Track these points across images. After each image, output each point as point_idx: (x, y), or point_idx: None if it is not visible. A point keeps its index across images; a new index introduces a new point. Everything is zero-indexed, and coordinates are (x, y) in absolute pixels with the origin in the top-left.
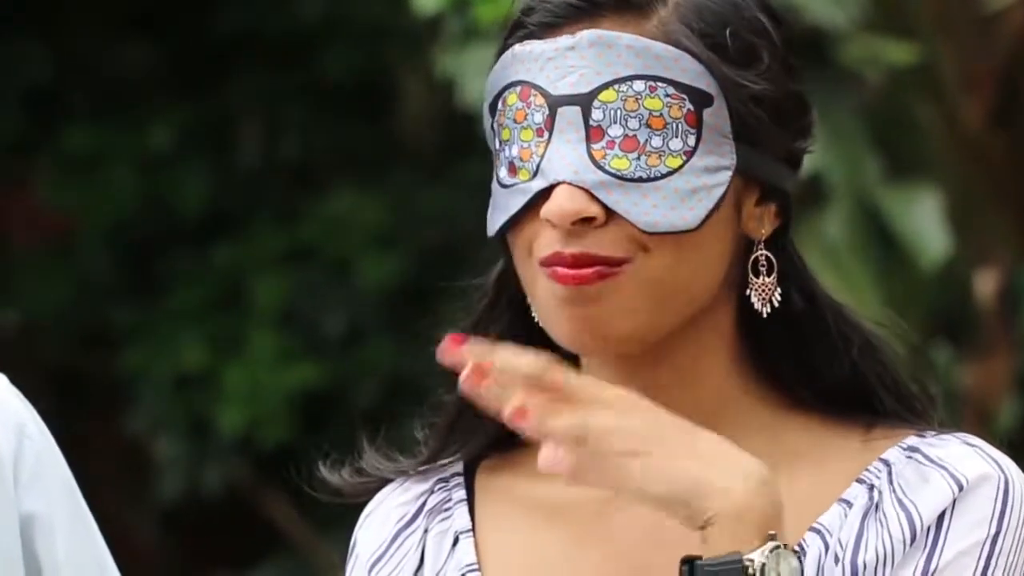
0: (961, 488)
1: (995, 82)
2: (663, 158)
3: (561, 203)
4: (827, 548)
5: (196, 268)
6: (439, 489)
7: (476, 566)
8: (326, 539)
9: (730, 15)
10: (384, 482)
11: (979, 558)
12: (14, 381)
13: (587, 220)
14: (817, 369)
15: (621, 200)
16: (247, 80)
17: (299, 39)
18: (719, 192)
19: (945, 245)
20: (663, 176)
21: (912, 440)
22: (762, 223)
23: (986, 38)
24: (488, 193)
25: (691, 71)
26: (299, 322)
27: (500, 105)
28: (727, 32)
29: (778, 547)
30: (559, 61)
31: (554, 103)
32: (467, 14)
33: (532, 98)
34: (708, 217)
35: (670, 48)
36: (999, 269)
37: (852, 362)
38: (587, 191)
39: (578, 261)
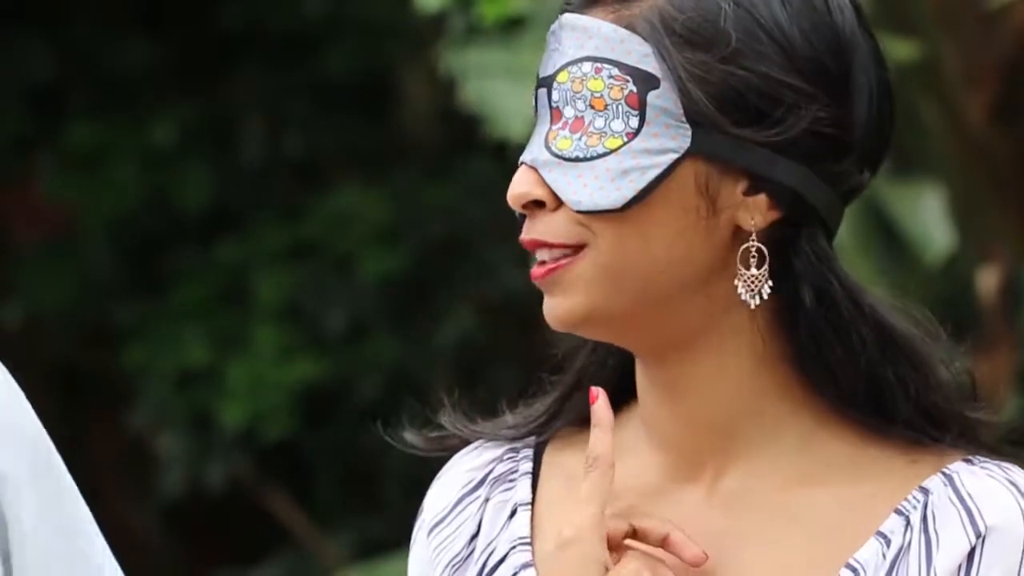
0: (979, 536)
1: (998, 78)
2: (603, 139)
3: (512, 186)
4: None
5: (199, 265)
6: (508, 458)
7: (528, 539)
8: (329, 535)
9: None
10: (463, 444)
11: None
12: (17, 378)
13: (540, 204)
14: (836, 374)
15: (559, 179)
16: (250, 77)
17: (302, 36)
18: (655, 173)
19: (949, 241)
20: (599, 156)
21: (957, 466)
22: (751, 213)
23: (989, 34)
24: (490, 189)
25: (636, 52)
26: (302, 318)
27: None
28: (683, 17)
29: None
30: (548, 46)
31: (537, 86)
32: (470, 12)
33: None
34: (637, 198)
35: (619, 29)
36: (1001, 265)
37: (871, 367)
38: (539, 172)
39: (533, 244)
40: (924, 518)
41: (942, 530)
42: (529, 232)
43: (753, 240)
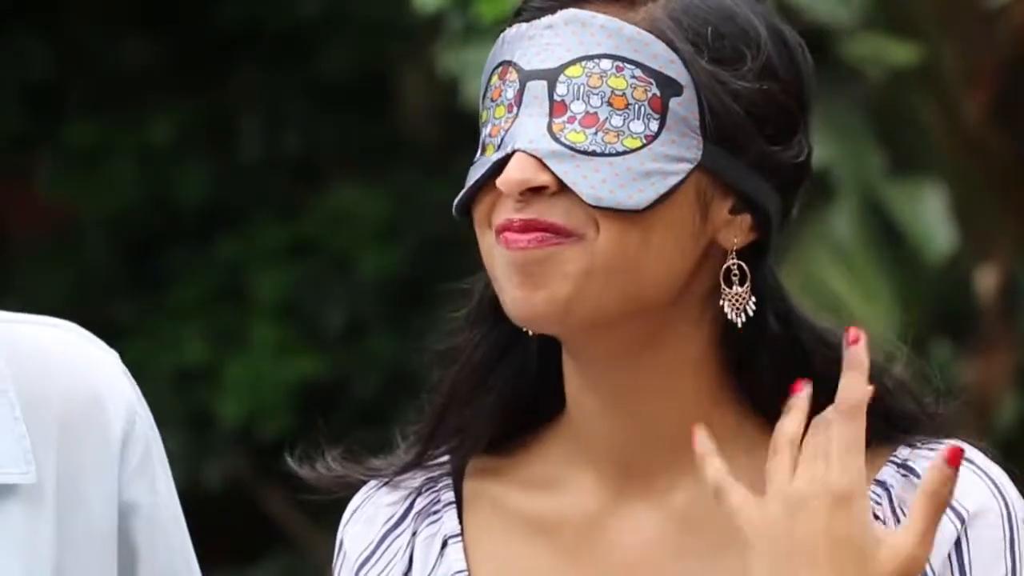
0: (963, 522)
1: (998, 78)
2: (621, 137)
3: (511, 172)
4: None
5: (197, 262)
6: (427, 490)
7: (465, 571)
8: (327, 534)
9: (718, 18)
10: (364, 481)
11: None
12: None
13: (539, 190)
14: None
15: (571, 171)
16: (248, 75)
17: (300, 34)
18: (674, 180)
19: (951, 238)
20: (619, 154)
21: (903, 452)
22: (735, 232)
23: (989, 34)
24: None
25: (662, 57)
26: (300, 316)
27: (486, 91)
28: (709, 30)
29: None
30: (536, 39)
31: (524, 77)
32: (468, 12)
33: (508, 75)
34: (658, 201)
35: (643, 32)
36: (1000, 265)
37: (831, 394)
38: (540, 161)
39: (527, 226)
40: (894, 511)
41: None
42: (523, 212)
43: (733, 258)
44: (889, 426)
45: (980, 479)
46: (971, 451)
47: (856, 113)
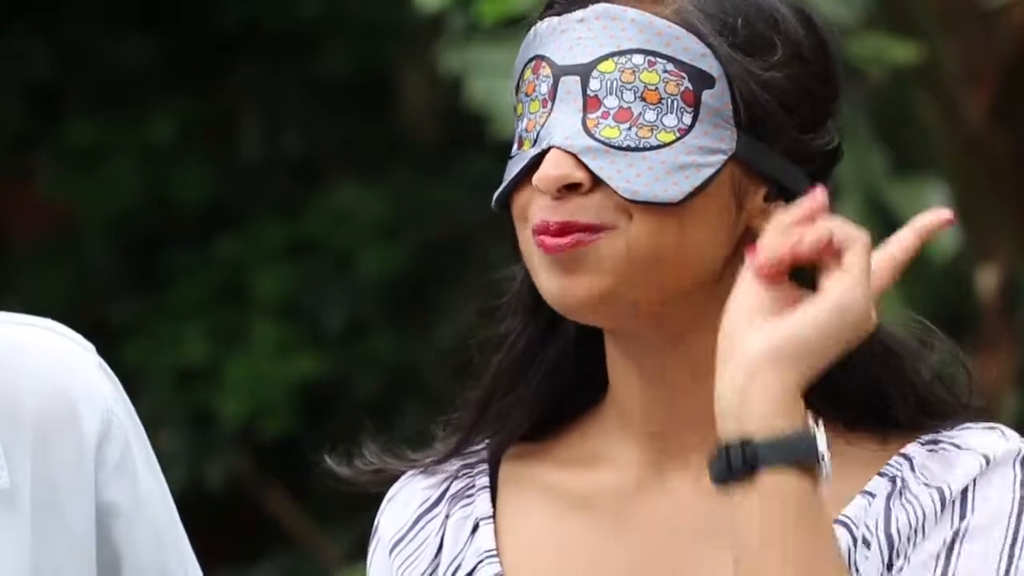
0: (988, 462)
1: (998, 78)
2: (655, 132)
3: (547, 169)
4: (855, 541)
5: (197, 261)
6: (463, 475)
7: (494, 552)
8: (327, 534)
9: (746, 5)
10: (401, 474)
11: (1008, 522)
12: None
13: (574, 187)
14: (831, 379)
15: (606, 167)
16: (248, 74)
17: (300, 34)
18: (709, 172)
19: (953, 238)
20: (653, 148)
21: (931, 435)
22: (768, 220)
23: (988, 34)
24: (489, 187)
25: (693, 50)
26: (301, 315)
27: (520, 84)
28: (739, 20)
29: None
30: (569, 33)
31: (558, 72)
32: (469, 11)
33: (541, 70)
34: (693, 194)
35: (674, 26)
36: (1001, 264)
37: (866, 373)
38: (575, 157)
39: (563, 230)
40: (914, 470)
41: (945, 471)
42: (558, 214)
43: None
44: (923, 414)
45: (1004, 437)
46: (993, 423)
47: (857, 113)
